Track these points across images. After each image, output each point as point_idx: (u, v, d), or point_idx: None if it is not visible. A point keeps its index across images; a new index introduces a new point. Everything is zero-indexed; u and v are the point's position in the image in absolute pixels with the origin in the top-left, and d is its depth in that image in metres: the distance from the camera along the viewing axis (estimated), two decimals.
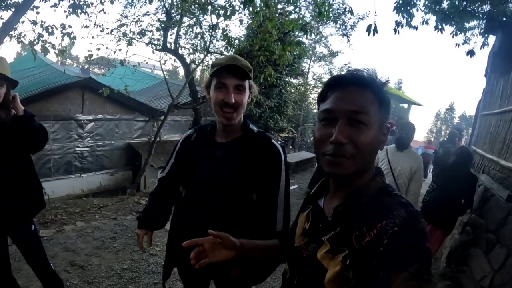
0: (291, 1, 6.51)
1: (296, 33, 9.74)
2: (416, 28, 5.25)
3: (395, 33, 5.26)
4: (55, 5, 6.54)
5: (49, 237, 4.24)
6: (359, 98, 0.89)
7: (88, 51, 7.27)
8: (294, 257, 1.08)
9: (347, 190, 0.95)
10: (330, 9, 7.68)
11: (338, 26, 14.21)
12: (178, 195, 1.70)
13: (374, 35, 5.03)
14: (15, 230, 2.36)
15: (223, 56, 2.12)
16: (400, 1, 4.82)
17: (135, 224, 4.99)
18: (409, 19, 5.07)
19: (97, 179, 11.06)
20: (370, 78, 0.91)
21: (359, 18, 12.62)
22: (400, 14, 5.00)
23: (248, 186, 1.50)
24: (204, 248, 1.13)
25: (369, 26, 5.08)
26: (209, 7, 7.65)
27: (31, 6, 5.75)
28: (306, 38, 12.63)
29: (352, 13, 7.20)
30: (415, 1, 4.93)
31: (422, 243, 0.79)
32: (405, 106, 31.72)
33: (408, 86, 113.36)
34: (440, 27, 5.06)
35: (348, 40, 15.28)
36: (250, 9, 6.82)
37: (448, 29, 5.22)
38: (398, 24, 5.16)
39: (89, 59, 8.18)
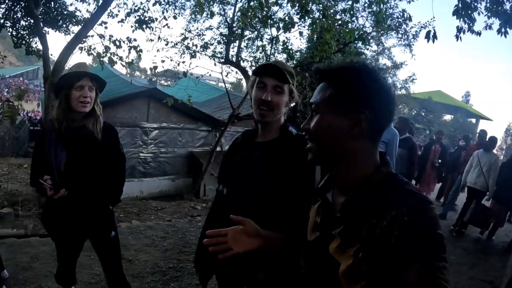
0: (347, 11, 6.43)
1: (358, 44, 9.51)
2: (479, 34, 4.87)
3: (457, 40, 4.94)
4: (122, 21, 7.15)
5: None
6: (318, 91, 1.00)
7: (153, 63, 7.76)
8: (308, 252, 1.08)
9: (350, 182, 0.95)
10: (389, 18, 7.45)
11: (399, 36, 13.56)
12: (219, 193, 1.74)
13: (433, 41, 4.80)
14: (95, 236, 2.28)
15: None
16: (460, 4, 4.52)
17: (187, 227, 5.23)
18: (471, 24, 4.73)
19: (159, 184, 11.59)
20: (330, 71, 0.98)
21: (421, 26, 11.95)
22: (461, 19, 4.70)
23: (278, 189, 1.49)
24: (226, 238, 1.17)
25: (428, 32, 4.85)
26: (269, 21, 7.78)
27: (100, 22, 6.34)
28: (366, 48, 12.27)
29: (410, 19, 6.91)
30: (475, 4, 4.59)
31: (433, 230, 0.78)
32: (473, 120, 29.70)
33: (476, 99, 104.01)
34: (503, 30, 4.65)
35: (411, 51, 14.50)
36: (309, 21, 6.82)
37: None
38: (459, 30, 4.83)
39: (154, 71, 8.74)
